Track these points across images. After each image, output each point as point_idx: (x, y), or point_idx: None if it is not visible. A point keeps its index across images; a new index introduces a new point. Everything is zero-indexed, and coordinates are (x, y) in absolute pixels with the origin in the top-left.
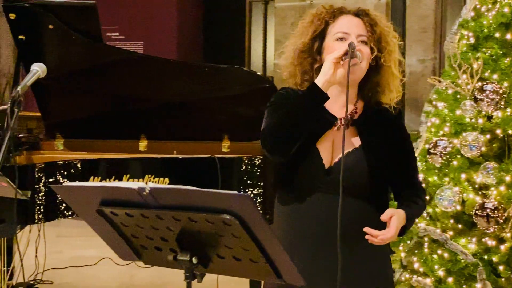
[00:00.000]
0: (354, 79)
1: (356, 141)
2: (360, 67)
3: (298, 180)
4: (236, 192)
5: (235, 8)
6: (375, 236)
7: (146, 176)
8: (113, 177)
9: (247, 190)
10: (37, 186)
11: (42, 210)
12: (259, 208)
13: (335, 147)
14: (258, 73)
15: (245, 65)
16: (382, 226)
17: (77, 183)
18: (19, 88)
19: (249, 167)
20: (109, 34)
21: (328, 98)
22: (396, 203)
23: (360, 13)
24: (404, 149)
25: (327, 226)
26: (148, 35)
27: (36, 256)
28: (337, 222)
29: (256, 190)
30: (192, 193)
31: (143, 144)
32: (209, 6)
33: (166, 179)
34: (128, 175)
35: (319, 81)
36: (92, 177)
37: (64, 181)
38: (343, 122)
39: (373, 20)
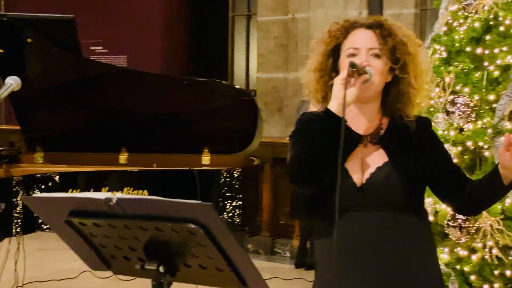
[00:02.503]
0: (367, 96)
1: (384, 157)
2: (372, 83)
3: (330, 204)
4: (199, 201)
5: (219, 22)
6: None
7: (125, 188)
8: (92, 189)
9: (226, 202)
10: (15, 200)
11: (19, 223)
12: (223, 218)
13: (364, 164)
14: (237, 86)
15: (228, 79)
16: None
17: (46, 194)
18: None
19: (228, 179)
20: (92, 48)
21: (341, 119)
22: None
23: (373, 25)
24: (442, 152)
25: (367, 244)
26: (132, 48)
27: (15, 270)
28: (376, 236)
29: (235, 202)
30: (158, 203)
31: (123, 157)
32: (193, 20)
33: (145, 192)
34: (107, 188)
35: (332, 105)
36: (70, 190)
37: None
38: (369, 139)
39: (386, 31)
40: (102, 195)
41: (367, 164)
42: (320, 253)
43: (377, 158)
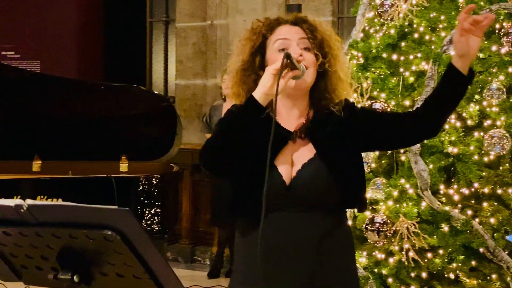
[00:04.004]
0: (301, 88)
1: (312, 151)
2: (306, 78)
3: (255, 203)
4: (116, 206)
5: (136, 28)
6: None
7: (38, 197)
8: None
9: (144, 210)
10: None
11: None
12: (142, 224)
13: (294, 161)
14: (156, 92)
15: (146, 85)
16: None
17: None
18: None
19: (146, 186)
20: (4, 53)
21: (265, 109)
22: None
23: (298, 21)
24: (371, 116)
25: (288, 245)
26: (46, 54)
27: None
28: (300, 238)
29: (154, 209)
30: (71, 209)
31: (36, 164)
32: (109, 26)
33: (60, 200)
34: (19, 197)
35: (257, 93)
36: None
37: None
38: (299, 134)
39: (312, 26)
40: (12, 201)
41: (296, 160)
42: (239, 254)
43: (305, 154)
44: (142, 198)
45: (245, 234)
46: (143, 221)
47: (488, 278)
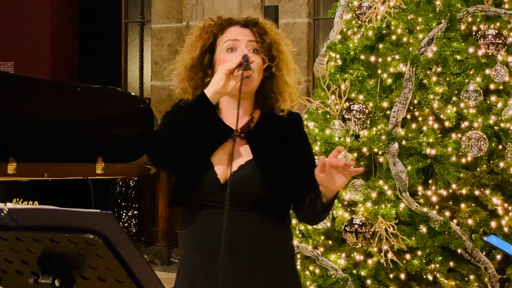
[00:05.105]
0: (247, 91)
1: (249, 155)
2: (252, 79)
3: (193, 197)
4: (98, 210)
5: (111, 29)
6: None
7: (14, 200)
8: None
9: (122, 212)
10: None
11: None
12: (123, 227)
13: (230, 160)
14: (133, 93)
15: (122, 87)
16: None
17: None
18: None
19: (123, 188)
20: None
21: (214, 107)
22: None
23: (248, 24)
24: (303, 153)
25: (229, 242)
26: (20, 55)
27: None
28: (235, 235)
29: (131, 212)
30: (53, 213)
31: (11, 167)
32: (84, 27)
33: (36, 203)
34: None
35: (209, 91)
36: None
37: None
38: (239, 133)
39: (262, 29)
40: None
41: (233, 160)
42: (180, 245)
43: (243, 155)
44: (119, 200)
45: (182, 228)
46: (121, 223)
47: (466, 279)
